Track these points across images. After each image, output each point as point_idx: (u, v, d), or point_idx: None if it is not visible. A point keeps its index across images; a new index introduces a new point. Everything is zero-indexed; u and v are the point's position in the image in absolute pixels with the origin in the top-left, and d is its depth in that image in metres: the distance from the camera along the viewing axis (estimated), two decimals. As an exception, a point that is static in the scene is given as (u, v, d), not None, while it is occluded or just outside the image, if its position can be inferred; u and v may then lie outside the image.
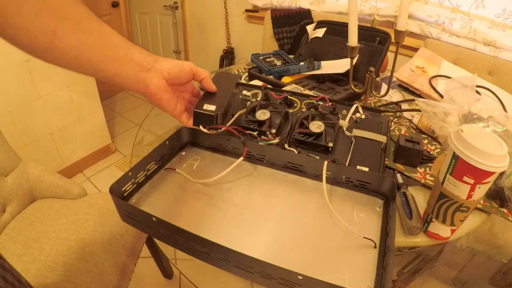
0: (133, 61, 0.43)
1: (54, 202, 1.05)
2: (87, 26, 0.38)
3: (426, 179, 0.64)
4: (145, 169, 0.52)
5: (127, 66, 0.43)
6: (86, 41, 0.38)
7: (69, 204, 1.02)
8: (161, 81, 0.47)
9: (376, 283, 0.38)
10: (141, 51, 0.45)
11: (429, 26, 1.48)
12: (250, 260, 0.36)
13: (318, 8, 1.72)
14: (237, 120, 0.63)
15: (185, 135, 0.60)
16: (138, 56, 0.44)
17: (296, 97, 0.73)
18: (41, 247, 0.89)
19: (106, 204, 1.01)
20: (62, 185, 1.06)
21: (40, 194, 1.06)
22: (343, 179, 0.52)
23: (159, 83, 0.46)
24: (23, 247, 0.88)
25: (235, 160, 0.55)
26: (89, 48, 0.38)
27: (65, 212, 1.00)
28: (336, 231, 0.45)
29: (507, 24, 1.31)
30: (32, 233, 0.93)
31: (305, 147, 0.59)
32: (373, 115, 0.67)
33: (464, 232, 0.58)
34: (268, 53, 1.11)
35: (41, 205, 1.03)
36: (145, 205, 0.48)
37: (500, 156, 0.42)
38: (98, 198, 1.05)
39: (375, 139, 0.58)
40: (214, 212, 0.47)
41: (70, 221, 0.95)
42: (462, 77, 0.88)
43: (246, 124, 0.61)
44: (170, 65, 0.47)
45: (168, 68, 0.47)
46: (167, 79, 0.47)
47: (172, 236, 0.41)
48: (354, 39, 0.71)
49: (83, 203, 1.02)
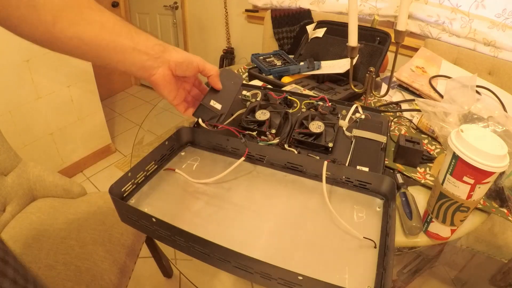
0: (139, 49, 0.43)
1: (54, 201, 1.05)
2: (87, 15, 0.38)
3: (426, 179, 0.64)
4: (144, 169, 0.52)
5: (131, 55, 0.42)
6: (86, 31, 0.38)
7: (69, 203, 1.02)
8: (167, 72, 0.46)
9: (376, 283, 0.38)
10: (148, 38, 0.44)
11: (429, 26, 1.48)
12: (250, 261, 0.36)
13: (318, 8, 1.72)
14: (237, 120, 0.63)
15: (184, 135, 0.60)
16: (145, 43, 0.43)
17: (295, 97, 0.73)
18: (41, 246, 0.89)
19: (106, 203, 1.01)
20: (62, 184, 1.06)
21: (40, 193, 1.06)
22: (343, 179, 0.52)
23: (165, 73, 0.46)
24: (23, 246, 0.88)
25: (235, 160, 0.55)
26: (91, 38, 0.38)
27: (65, 211, 1.00)
28: (336, 231, 0.45)
29: (507, 24, 1.31)
30: (32, 232, 0.93)
31: (305, 147, 0.59)
32: (373, 115, 0.67)
33: (464, 232, 0.58)
34: (268, 53, 1.11)
35: (41, 205, 1.03)
36: (145, 205, 0.48)
37: (500, 156, 0.42)
38: (97, 197, 1.05)
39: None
40: (213, 213, 0.47)
41: (70, 220, 0.95)
42: (462, 77, 0.88)
43: (246, 124, 0.61)
44: (179, 58, 0.47)
45: (176, 60, 0.46)
46: (173, 71, 0.47)
47: (171, 237, 0.41)
48: (354, 39, 0.71)
49: (83, 202, 1.02)
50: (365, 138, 0.59)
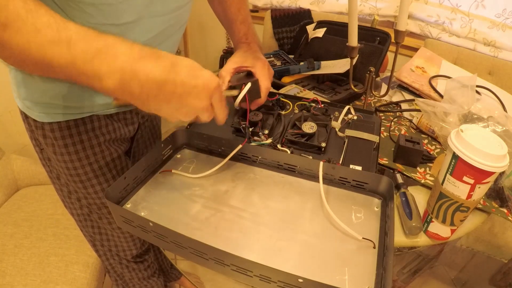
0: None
1: (38, 187, 1.15)
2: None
3: (426, 179, 0.64)
4: (140, 172, 0.51)
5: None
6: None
7: (53, 187, 1.08)
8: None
9: (376, 284, 0.38)
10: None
11: (429, 26, 1.48)
12: (249, 264, 0.36)
13: (318, 8, 1.72)
14: (228, 122, 0.63)
15: (180, 137, 0.60)
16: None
17: (288, 99, 0.73)
18: (31, 224, 1.00)
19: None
20: (44, 171, 1.13)
21: (24, 183, 1.16)
22: (340, 179, 0.52)
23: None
24: (14, 227, 0.99)
25: (232, 162, 0.55)
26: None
27: (50, 194, 1.10)
28: (335, 232, 0.44)
29: (507, 24, 1.31)
30: (21, 214, 1.03)
31: (297, 148, 0.59)
32: (365, 116, 0.67)
33: (464, 232, 0.58)
34: (268, 53, 1.11)
35: (26, 192, 1.13)
36: (141, 209, 0.48)
37: (500, 156, 0.42)
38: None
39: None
40: (211, 215, 0.47)
41: (55, 200, 1.01)
42: (462, 77, 0.88)
43: (238, 125, 0.61)
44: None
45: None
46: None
47: (169, 241, 0.41)
48: (354, 39, 0.71)
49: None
50: (358, 138, 0.59)
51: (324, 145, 0.58)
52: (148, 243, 0.80)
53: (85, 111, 0.54)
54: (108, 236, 0.73)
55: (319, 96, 0.88)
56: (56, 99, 0.51)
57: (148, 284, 0.88)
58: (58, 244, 0.94)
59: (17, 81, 0.53)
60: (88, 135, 0.56)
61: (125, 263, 0.80)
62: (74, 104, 0.52)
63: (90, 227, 0.71)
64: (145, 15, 0.47)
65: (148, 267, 0.85)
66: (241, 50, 0.63)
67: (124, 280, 0.86)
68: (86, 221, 0.70)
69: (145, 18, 0.48)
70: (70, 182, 0.62)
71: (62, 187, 0.65)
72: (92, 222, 0.70)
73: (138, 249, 0.77)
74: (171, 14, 0.52)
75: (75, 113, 0.53)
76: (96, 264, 0.94)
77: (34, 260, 0.90)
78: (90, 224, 0.71)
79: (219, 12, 0.68)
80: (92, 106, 0.54)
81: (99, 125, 0.57)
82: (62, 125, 0.54)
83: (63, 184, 0.64)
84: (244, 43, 0.64)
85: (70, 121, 0.54)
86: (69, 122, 0.54)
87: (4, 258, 0.90)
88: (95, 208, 0.66)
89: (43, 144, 0.57)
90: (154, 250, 0.90)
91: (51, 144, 0.56)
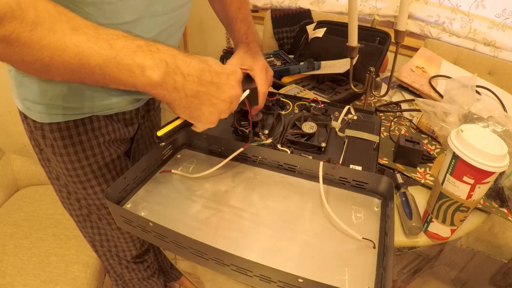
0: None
1: (38, 187, 1.14)
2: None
3: (426, 179, 0.64)
4: (140, 172, 0.51)
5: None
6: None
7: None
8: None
9: (376, 284, 0.38)
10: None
11: (429, 26, 1.48)
12: (249, 264, 0.36)
13: (318, 8, 1.72)
14: (228, 122, 0.63)
15: (180, 137, 0.60)
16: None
17: (288, 99, 0.73)
18: (31, 224, 1.00)
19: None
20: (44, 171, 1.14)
21: (24, 183, 1.16)
22: (340, 179, 0.52)
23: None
24: (14, 227, 0.99)
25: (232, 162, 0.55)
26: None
27: (50, 194, 1.09)
28: (335, 232, 0.44)
29: (507, 24, 1.31)
30: (21, 214, 1.03)
31: (297, 148, 0.59)
32: (365, 116, 0.68)
33: (464, 232, 0.58)
34: (268, 53, 1.11)
35: (26, 192, 1.13)
36: (141, 209, 0.48)
37: (500, 156, 0.42)
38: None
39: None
40: (211, 215, 0.47)
41: (55, 200, 1.00)
42: (462, 77, 0.88)
43: (238, 125, 0.61)
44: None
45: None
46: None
47: (169, 241, 0.41)
48: (354, 39, 0.71)
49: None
50: (358, 138, 0.59)
51: (324, 145, 0.58)
52: (148, 243, 0.80)
53: (84, 112, 0.54)
54: (108, 236, 0.73)
55: (319, 96, 0.88)
56: (55, 99, 0.51)
57: (148, 284, 0.88)
58: (58, 244, 0.95)
59: (17, 82, 0.53)
60: (87, 135, 0.56)
61: (125, 263, 0.80)
62: (74, 105, 0.52)
63: (90, 228, 0.71)
64: (146, 15, 0.47)
65: (148, 267, 0.85)
66: (240, 51, 0.62)
67: (124, 280, 0.86)
68: (85, 221, 0.70)
69: (146, 17, 0.48)
70: (69, 183, 0.62)
71: (61, 188, 0.65)
72: (92, 223, 0.70)
73: (137, 249, 0.77)
74: (171, 14, 0.52)
75: (74, 114, 0.53)
76: (96, 264, 0.94)
77: (34, 260, 0.90)
78: (89, 225, 0.71)
79: (219, 11, 0.68)
80: (92, 106, 0.54)
81: (99, 125, 0.57)
82: (61, 126, 0.54)
83: (62, 185, 0.64)
84: (244, 43, 0.64)
85: (70, 122, 0.54)
86: (68, 123, 0.54)
87: (4, 258, 0.90)
88: (94, 209, 0.66)
89: (42, 145, 0.57)
90: (154, 250, 0.90)
91: (51, 145, 0.56)
